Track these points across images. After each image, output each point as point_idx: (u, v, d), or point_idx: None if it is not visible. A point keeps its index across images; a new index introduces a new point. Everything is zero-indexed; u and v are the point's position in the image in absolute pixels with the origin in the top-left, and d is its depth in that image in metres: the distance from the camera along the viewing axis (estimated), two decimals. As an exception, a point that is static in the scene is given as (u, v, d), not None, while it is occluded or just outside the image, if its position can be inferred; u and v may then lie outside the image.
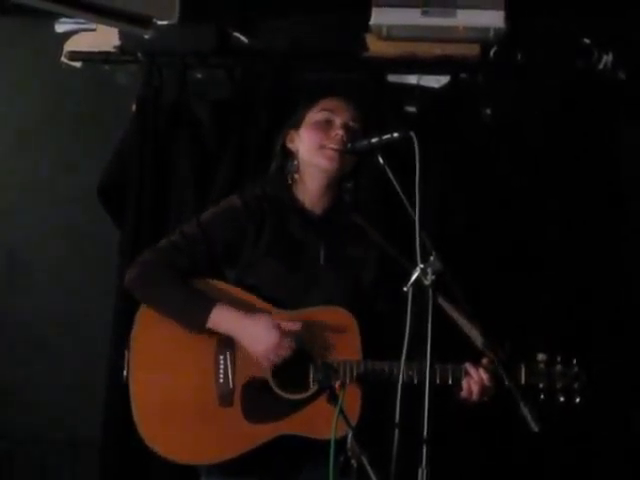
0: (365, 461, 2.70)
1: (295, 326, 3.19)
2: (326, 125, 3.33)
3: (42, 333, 4.80)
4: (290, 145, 3.42)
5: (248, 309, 3.23)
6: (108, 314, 4.48)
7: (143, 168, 4.60)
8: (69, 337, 4.79)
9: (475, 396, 3.18)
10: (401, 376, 2.96)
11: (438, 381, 3.14)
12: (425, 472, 2.67)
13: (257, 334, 3.18)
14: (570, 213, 4.56)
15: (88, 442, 4.57)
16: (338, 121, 3.33)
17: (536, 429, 2.72)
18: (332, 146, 3.29)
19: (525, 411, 2.75)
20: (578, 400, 3.20)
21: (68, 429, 4.74)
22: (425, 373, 2.76)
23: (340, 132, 3.30)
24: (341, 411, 2.82)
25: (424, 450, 2.68)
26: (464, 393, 3.20)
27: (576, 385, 3.21)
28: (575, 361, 3.24)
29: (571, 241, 4.54)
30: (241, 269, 3.32)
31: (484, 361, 3.21)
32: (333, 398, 2.87)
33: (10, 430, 4.77)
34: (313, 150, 3.33)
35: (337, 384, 2.91)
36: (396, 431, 2.80)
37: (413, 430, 2.72)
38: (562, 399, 3.20)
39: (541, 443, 4.29)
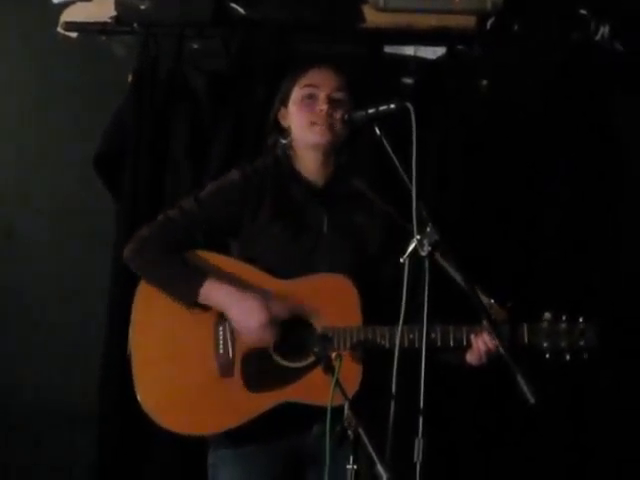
0: (362, 431, 2.71)
1: (283, 312, 3.21)
2: (311, 101, 3.34)
3: (40, 308, 4.79)
4: (282, 122, 3.43)
5: (242, 281, 3.24)
6: (106, 287, 4.50)
7: (140, 138, 4.59)
8: (67, 311, 4.77)
9: (483, 359, 3.18)
10: (397, 343, 2.97)
11: (440, 343, 3.16)
12: (421, 442, 2.69)
13: (245, 311, 3.19)
14: (568, 181, 4.58)
15: (87, 416, 4.56)
16: (322, 95, 3.33)
17: (532, 401, 2.72)
18: (322, 123, 3.30)
19: (522, 382, 2.74)
20: (586, 357, 3.17)
21: (66, 403, 4.72)
22: (425, 337, 2.79)
23: (324, 107, 3.31)
24: (337, 382, 2.82)
25: (420, 420, 2.70)
26: (472, 356, 3.21)
27: (582, 342, 3.17)
28: (582, 319, 3.19)
29: (569, 208, 4.58)
30: (243, 240, 3.34)
31: (485, 324, 3.15)
32: (329, 369, 2.87)
33: (8, 405, 4.76)
34: (304, 128, 3.34)
35: (333, 354, 2.91)
36: (392, 402, 2.82)
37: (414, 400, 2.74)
38: (568, 357, 3.17)
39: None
